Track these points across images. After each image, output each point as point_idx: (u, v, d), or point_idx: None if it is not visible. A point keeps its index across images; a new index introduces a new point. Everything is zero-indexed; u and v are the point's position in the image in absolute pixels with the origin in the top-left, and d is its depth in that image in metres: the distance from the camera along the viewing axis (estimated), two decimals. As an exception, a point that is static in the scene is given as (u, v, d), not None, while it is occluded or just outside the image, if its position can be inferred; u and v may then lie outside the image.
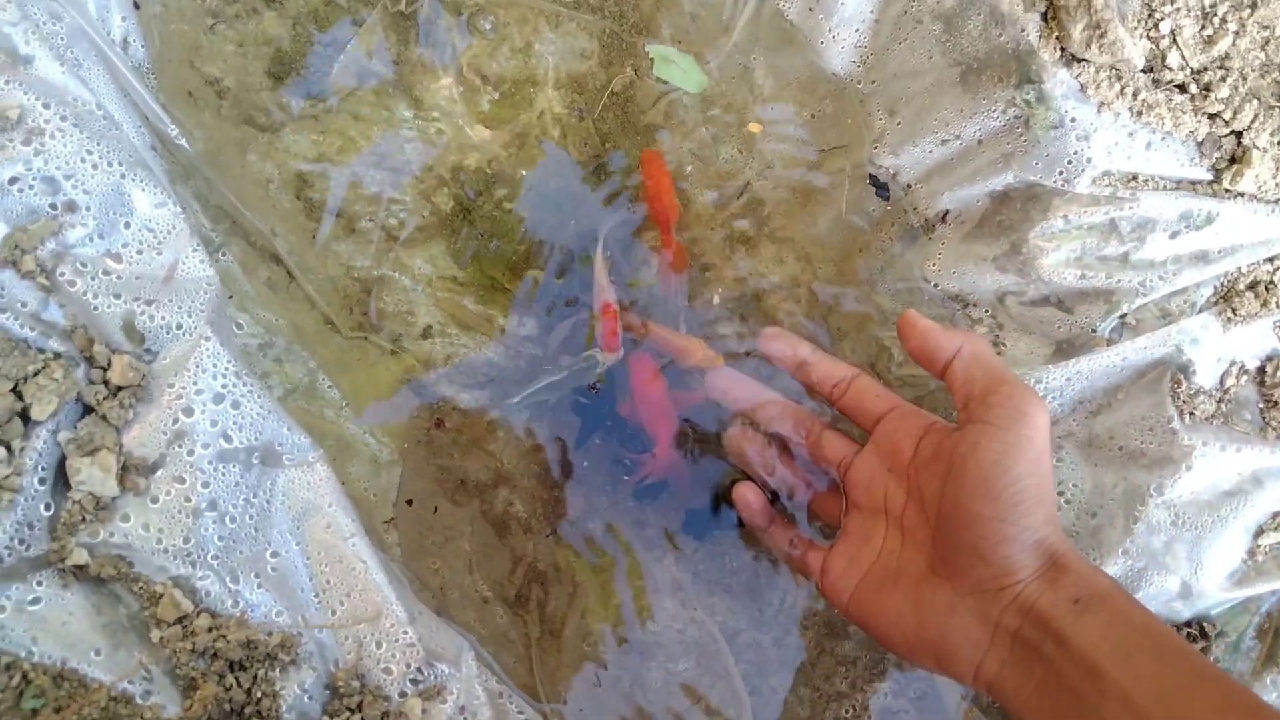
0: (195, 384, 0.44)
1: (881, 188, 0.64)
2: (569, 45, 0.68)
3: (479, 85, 0.66)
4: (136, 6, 0.57)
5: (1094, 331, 0.58)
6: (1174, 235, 0.56)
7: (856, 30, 0.63)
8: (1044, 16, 0.56)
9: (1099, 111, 0.55)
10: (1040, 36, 0.56)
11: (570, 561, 0.63)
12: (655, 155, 0.66)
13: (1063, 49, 0.55)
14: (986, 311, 0.62)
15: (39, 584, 0.40)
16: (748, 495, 0.57)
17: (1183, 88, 0.55)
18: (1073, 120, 0.55)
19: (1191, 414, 0.55)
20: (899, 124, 0.63)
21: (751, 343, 0.64)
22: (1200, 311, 0.57)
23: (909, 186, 0.64)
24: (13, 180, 0.43)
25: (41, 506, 0.41)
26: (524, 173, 0.66)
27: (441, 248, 0.65)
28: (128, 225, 0.46)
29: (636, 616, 0.62)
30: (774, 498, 0.59)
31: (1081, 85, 0.55)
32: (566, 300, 0.65)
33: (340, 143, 0.64)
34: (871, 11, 0.63)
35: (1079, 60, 0.55)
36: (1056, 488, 0.55)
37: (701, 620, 0.62)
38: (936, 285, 0.63)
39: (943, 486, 0.48)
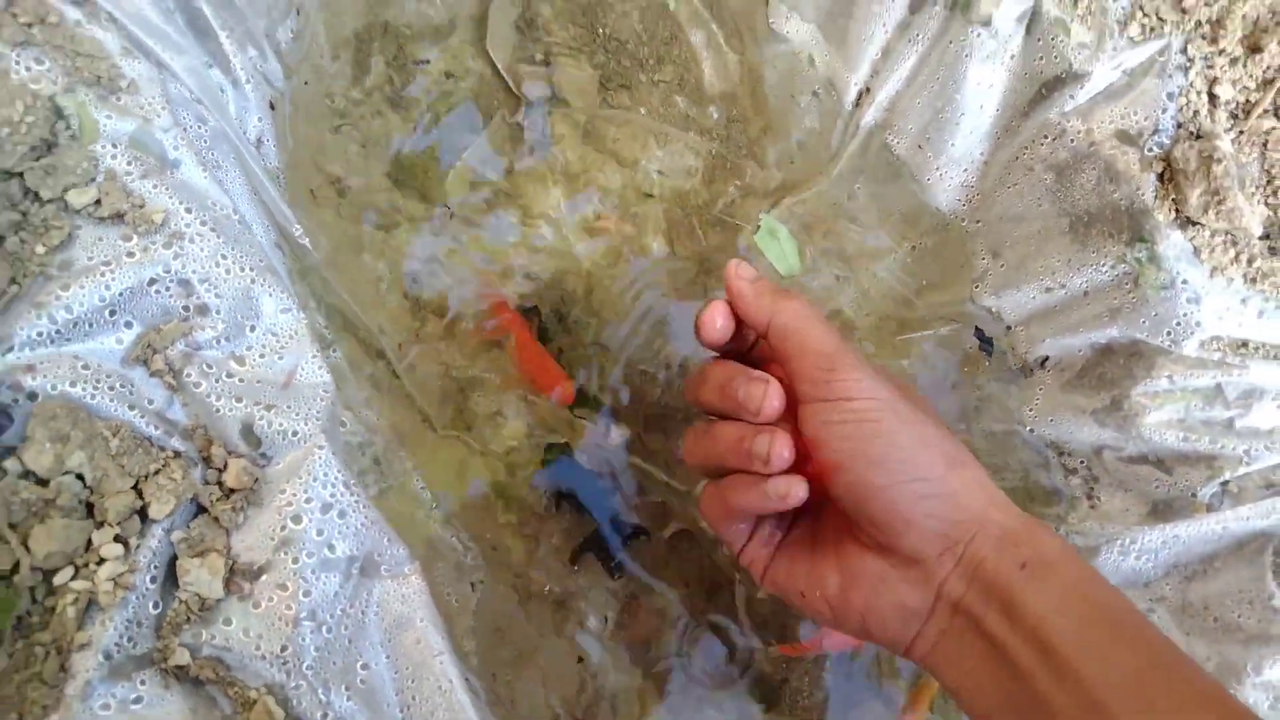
0: (305, 492, 0.45)
1: (986, 342, 0.64)
2: (676, 163, 0.69)
3: (586, 197, 0.68)
4: (272, 107, 0.59)
5: (1194, 496, 0.57)
6: (1283, 405, 0.55)
7: (964, 170, 0.64)
8: (1160, 177, 0.56)
9: (1211, 276, 0.55)
10: (1156, 197, 0.56)
11: (640, 685, 0.62)
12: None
13: (1178, 211, 0.55)
14: (1082, 463, 0.61)
15: (142, 683, 0.41)
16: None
17: (1300, 258, 0.55)
18: (1184, 282, 0.55)
19: (1295, 590, 0.54)
20: (1002, 266, 0.63)
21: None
22: (1307, 484, 0.56)
23: (1009, 329, 0.64)
24: (152, 281, 0.45)
25: (150, 605, 0.42)
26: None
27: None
28: (253, 329, 0.48)
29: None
30: None
31: (1195, 248, 0.55)
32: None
33: (450, 246, 0.65)
34: (981, 154, 0.63)
35: (1194, 223, 0.55)
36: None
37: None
38: (1033, 430, 0.63)
39: (821, 473, 0.44)
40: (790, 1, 0.67)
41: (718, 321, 0.47)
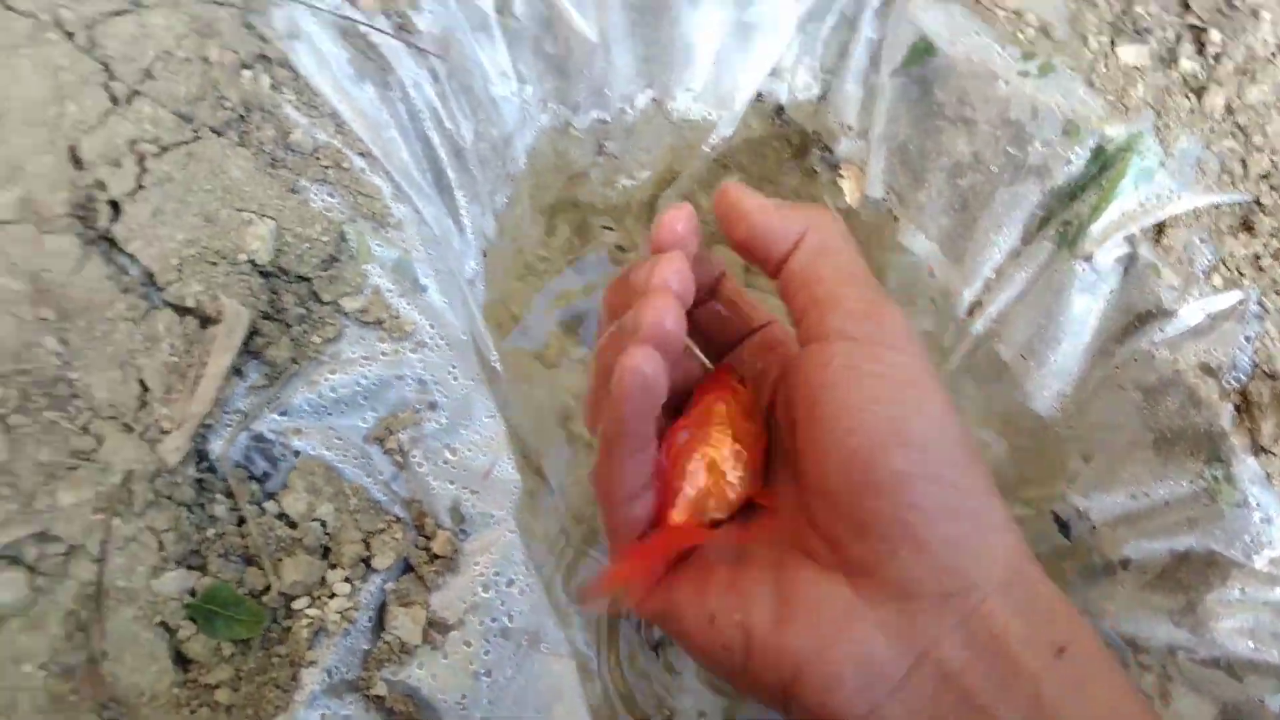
0: (495, 568, 0.53)
1: (1064, 526, 0.72)
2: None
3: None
4: (484, 255, 0.71)
5: (1262, 702, 0.62)
6: (1345, 625, 0.61)
7: (1062, 382, 0.73)
8: (1237, 408, 0.64)
9: (1282, 499, 0.62)
10: (1232, 424, 0.64)
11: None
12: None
13: (1253, 439, 0.63)
14: (1157, 660, 0.67)
15: (350, 704, 0.48)
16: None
17: (1363, 492, 0.62)
18: (1257, 504, 0.62)
19: (1352, 801, 0.58)
20: (1093, 470, 0.71)
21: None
22: (1367, 704, 0.61)
23: (1095, 528, 0.71)
24: (399, 376, 0.55)
25: (363, 640, 0.50)
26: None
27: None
28: (466, 428, 0.57)
29: None
30: None
31: (1267, 474, 0.62)
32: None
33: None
34: (1078, 370, 0.72)
35: (1267, 451, 0.63)
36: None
37: None
38: (1112, 626, 0.69)
39: (809, 437, 0.32)
40: (918, 222, 0.78)
41: (679, 224, 0.36)
